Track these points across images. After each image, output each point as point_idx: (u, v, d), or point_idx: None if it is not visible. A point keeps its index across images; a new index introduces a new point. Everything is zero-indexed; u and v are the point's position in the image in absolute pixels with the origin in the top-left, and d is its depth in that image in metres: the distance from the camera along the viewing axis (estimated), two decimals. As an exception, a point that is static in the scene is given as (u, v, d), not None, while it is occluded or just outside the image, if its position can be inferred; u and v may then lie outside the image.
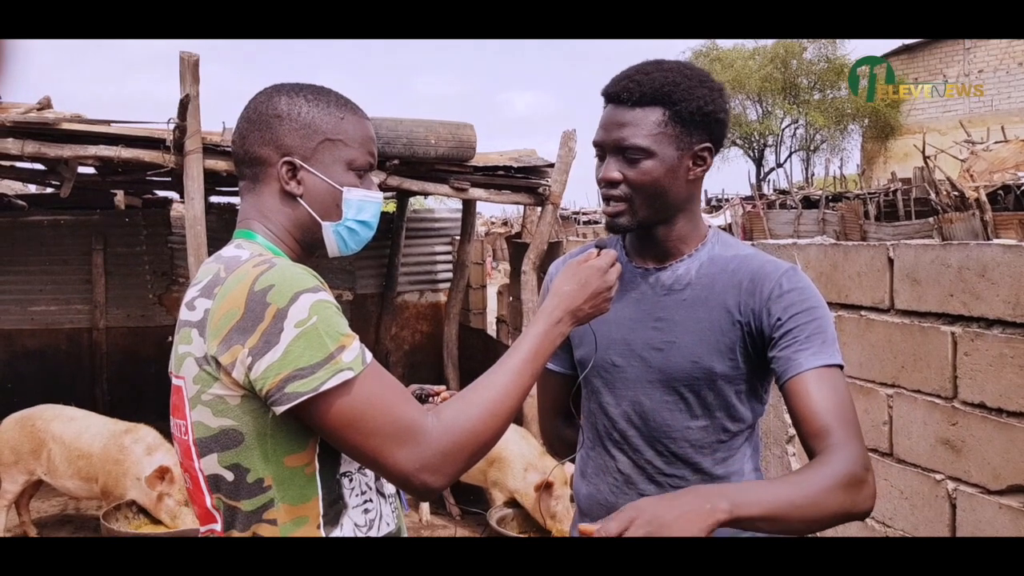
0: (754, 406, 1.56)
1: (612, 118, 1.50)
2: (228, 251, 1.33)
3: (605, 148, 1.51)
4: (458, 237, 7.14)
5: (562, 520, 4.18)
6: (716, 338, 1.50)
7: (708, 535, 1.17)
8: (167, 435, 4.26)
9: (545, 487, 4.26)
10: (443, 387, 1.63)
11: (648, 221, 1.53)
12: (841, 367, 1.45)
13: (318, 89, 1.38)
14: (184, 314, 1.29)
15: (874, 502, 1.36)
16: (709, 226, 1.63)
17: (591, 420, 1.65)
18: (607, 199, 1.52)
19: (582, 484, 1.68)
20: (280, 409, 1.17)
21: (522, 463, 4.52)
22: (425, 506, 5.34)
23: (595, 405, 1.64)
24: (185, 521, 4.29)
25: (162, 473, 4.27)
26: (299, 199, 1.34)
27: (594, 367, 1.61)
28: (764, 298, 1.47)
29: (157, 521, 4.50)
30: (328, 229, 1.37)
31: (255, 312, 1.17)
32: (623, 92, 1.49)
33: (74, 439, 4.63)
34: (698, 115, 1.48)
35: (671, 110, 1.47)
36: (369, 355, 1.23)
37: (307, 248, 1.40)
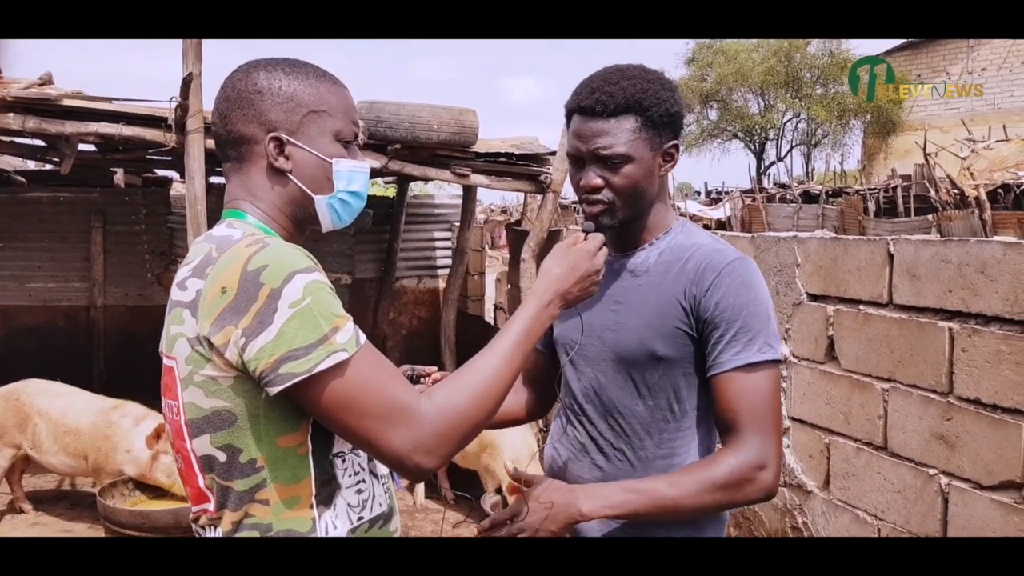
0: (705, 392, 1.61)
1: (589, 129, 1.58)
2: (219, 230, 1.32)
3: (585, 158, 1.60)
4: (458, 223, 7.14)
5: None
6: (661, 322, 1.57)
7: (565, 531, 1.48)
8: (159, 412, 4.28)
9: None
10: (434, 368, 1.64)
11: (628, 219, 1.62)
12: (770, 362, 1.52)
13: (294, 62, 1.36)
14: (176, 294, 1.28)
15: (769, 492, 1.51)
16: (678, 216, 1.73)
17: (562, 393, 1.77)
18: (587, 202, 1.62)
19: (549, 448, 1.80)
20: (274, 390, 1.17)
21: (511, 454, 4.53)
22: (420, 489, 5.35)
23: (564, 380, 1.75)
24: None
25: (158, 433, 4.29)
26: (289, 175, 1.33)
27: (562, 345, 1.73)
28: (704, 289, 1.54)
29: (153, 496, 4.52)
30: (321, 203, 1.36)
31: (248, 292, 1.16)
32: (597, 105, 1.57)
33: (60, 415, 4.63)
34: (666, 117, 1.59)
35: (643, 116, 1.57)
36: (363, 336, 1.22)
37: (299, 225, 1.38)
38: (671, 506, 1.46)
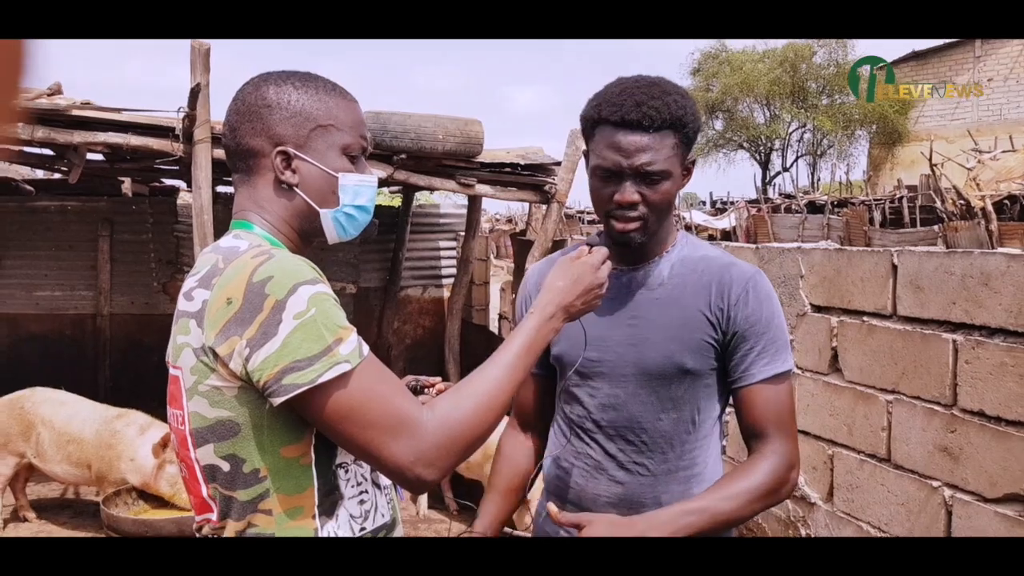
0: (721, 401, 1.66)
1: (632, 143, 1.54)
2: (226, 241, 1.33)
3: (623, 172, 1.55)
4: (462, 233, 7.16)
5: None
6: (687, 335, 1.59)
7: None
8: (163, 421, 4.28)
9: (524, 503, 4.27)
10: (438, 379, 1.64)
11: (654, 232, 1.62)
12: (788, 371, 1.61)
13: (305, 76, 1.37)
14: (182, 304, 1.29)
15: (795, 488, 1.62)
16: (679, 228, 1.76)
17: (566, 410, 1.73)
18: (620, 218, 1.58)
19: (553, 468, 1.75)
20: (277, 401, 1.17)
21: None
22: (423, 500, 5.35)
23: (571, 396, 1.71)
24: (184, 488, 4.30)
25: (165, 441, 4.29)
26: (295, 188, 1.34)
27: (567, 362, 1.69)
28: (732, 302, 1.58)
29: (157, 505, 4.52)
30: (326, 216, 1.36)
31: (254, 303, 1.17)
32: (644, 119, 1.53)
33: (64, 424, 4.63)
34: (695, 134, 1.61)
35: (681, 133, 1.57)
36: (366, 348, 1.23)
37: (305, 237, 1.39)
38: (727, 520, 1.52)
